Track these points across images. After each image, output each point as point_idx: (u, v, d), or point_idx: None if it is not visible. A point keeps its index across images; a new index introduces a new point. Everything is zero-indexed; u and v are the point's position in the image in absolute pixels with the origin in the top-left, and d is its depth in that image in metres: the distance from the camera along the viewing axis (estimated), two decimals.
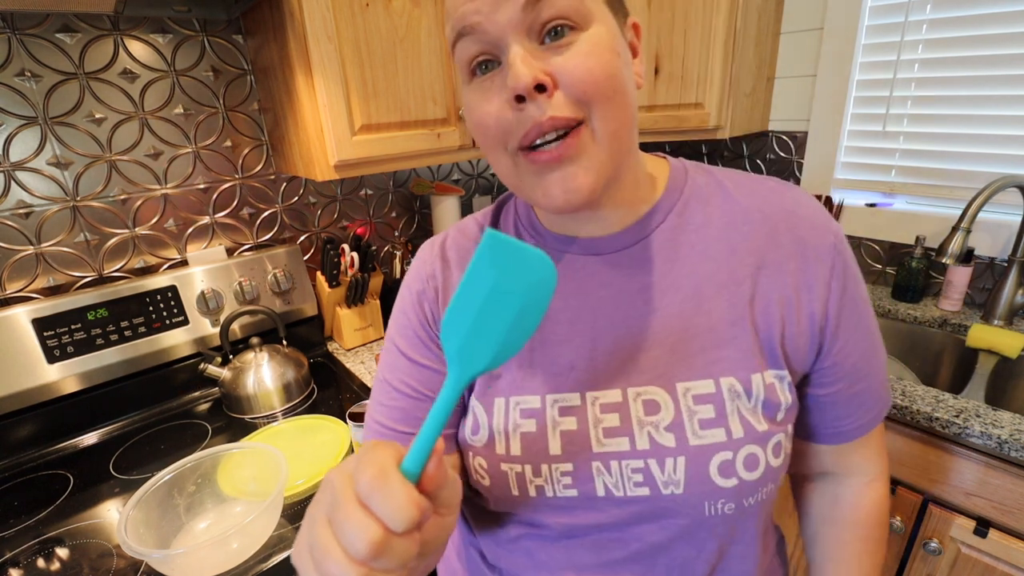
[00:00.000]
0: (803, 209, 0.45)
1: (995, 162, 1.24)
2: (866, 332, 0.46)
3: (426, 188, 1.46)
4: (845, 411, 0.48)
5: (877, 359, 0.48)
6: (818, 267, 0.43)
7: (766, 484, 0.42)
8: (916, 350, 1.33)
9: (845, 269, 0.44)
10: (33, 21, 0.92)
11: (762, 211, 0.45)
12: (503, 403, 0.45)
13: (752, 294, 0.43)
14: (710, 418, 0.41)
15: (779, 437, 0.43)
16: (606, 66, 0.37)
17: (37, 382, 0.96)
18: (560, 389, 0.44)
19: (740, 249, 0.44)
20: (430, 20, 1.04)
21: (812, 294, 0.43)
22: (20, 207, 0.97)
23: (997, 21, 1.17)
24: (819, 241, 0.44)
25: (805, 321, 0.43)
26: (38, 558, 0.75)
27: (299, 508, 0.81)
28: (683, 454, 0.41)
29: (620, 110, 0.38)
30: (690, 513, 0.42)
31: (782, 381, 0.43)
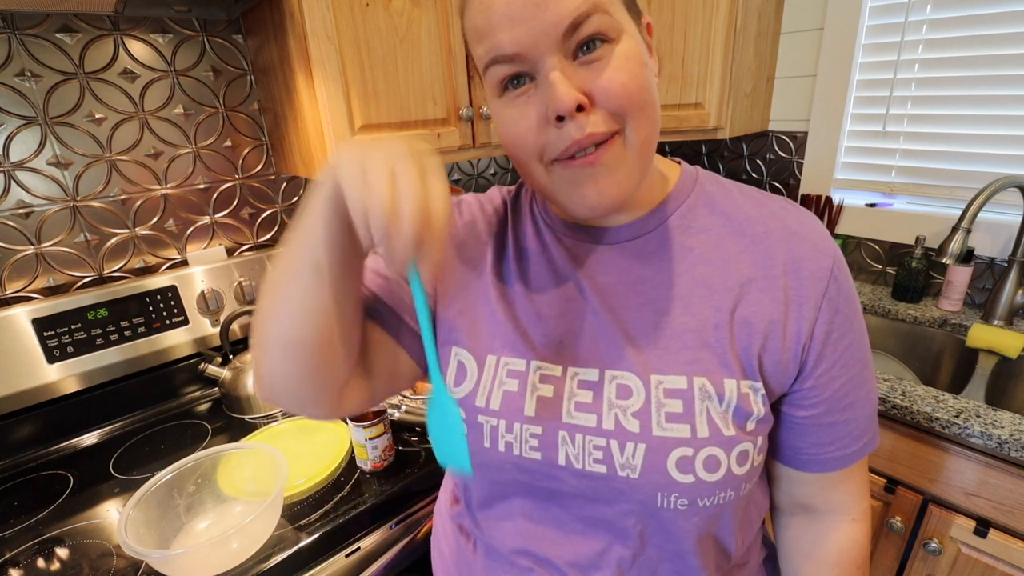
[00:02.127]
0: (805, 230, 0.45)
1: (995, 162, 1.24)
2: (854, 361, 0.45)
3: None
4: (827, 437, 0.47)
5: (864, 391, 0.47)
6: (811, 288, 0.44)
7: (725, 489, 0.43)
8: (916, 350, 1.33)
9: (839, 295, 0.44)
10: (33, 21, 0.92)
11: (765, 225, 0.46)
12: (495, 360, 0.48)
13: (736, 303, 0.44)
14: (677, 413, 0.43)
15: (746, 446, 0.43)
16: (638, 78, 0.39)
17: (37, 382, 0.96)
18: (545, 358, 0.47)
19: (735, 258, 0.45)
20: (430, 20, 1.04)
21: (800, 312, 0.43)
22: (20, 207, 0.97)
23: (997, 21, 1.17)
24: (815, 263, 0.44)
25: (791, 339, 0.44)
26: (38, 558, 0.75)
27: (299, 508, 0.81)
28: (644, 442, 0.43)
29: (650, 119, 0.41)
30: (642, 500, 0.44)
31: (756, 392, 0.43)
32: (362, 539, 0.82)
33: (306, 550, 0.76)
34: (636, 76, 0.39)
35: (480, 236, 0.52)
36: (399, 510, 0.87)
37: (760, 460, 0.45)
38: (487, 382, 0.48)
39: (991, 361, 1.16)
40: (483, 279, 0.50)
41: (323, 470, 0.87)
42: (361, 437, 0.85)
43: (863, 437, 0.48)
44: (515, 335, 0.48)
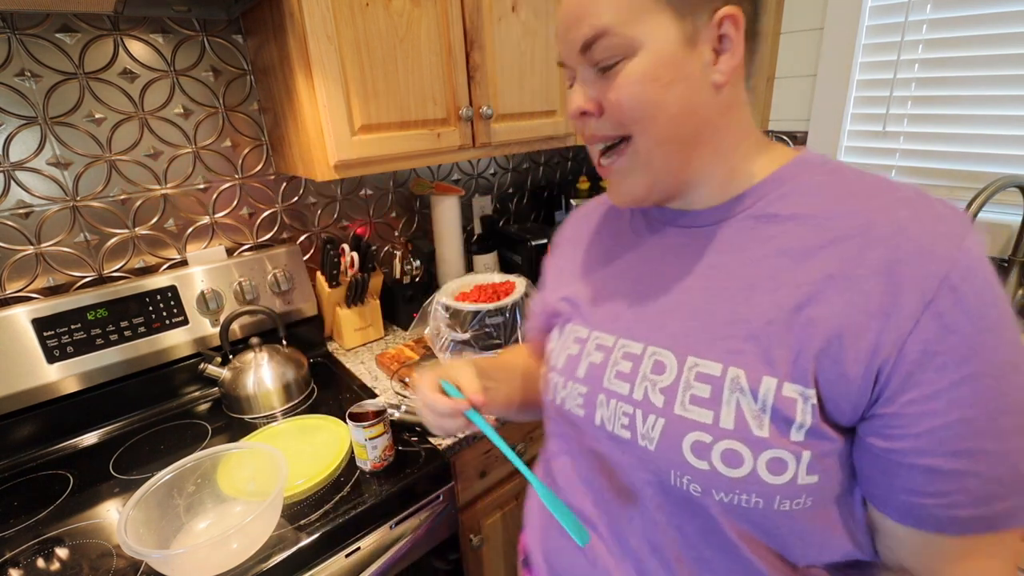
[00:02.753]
0: (918, 228, 0.38)
1: (995, 162, 1.24)
2: (979, 400, 0.36)
3: (426, 188, 1.46)
4: (927, 485, 0.38)
5: (996, 444, 0.36)
6: (908, 295, 0.37)
7: (748, 492, 0.40)
8: None
9: (957, 310, 0.36)
10: (33, 21, 0.92)
11: (867, 219, 0.40)
12: (571, 329, 0.56)
13: (804, 301, 0.40)
14: (703, 397, 0.42)
15: (782, 454, 0.39)
16: (635, 97, 0.42)
17: (37, 382, 0.96)
18: (602, 329, 0.52)
19: (818, 252, 0.41)
20: (430, 20, 1.04)
21: (887, 323, 0.37)
22: (20, 207, 0.97)
23: (997, 21, 1.17)
24: (921, 267, 0.37)
25: (865, 350, 0.37)
26: (38, 558, 0.75)
27: (299, 508, 0.81)
28: (664, 417, 0.44)
29: (658, 128, 0.43)
30: (657, 473, 0.45)
31: (804, 399, 0.39)
32: (362, 539, 0.82)
33: (306, 550, 0.76)
34: (634, 95, 0.42)
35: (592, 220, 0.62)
36: (399, 510, 0.87)
37: (813, 481, 0.40)
38: (562, 346, 0.56)
39: None
40: (581, 255, 0.60)
41: (323, 470, 0.87)
42: (361, 437, 0.85)
43: (993, 504, 0.37)
44: (587, 307, 0.55)
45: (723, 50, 0.42)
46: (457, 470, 0.99)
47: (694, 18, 0.41)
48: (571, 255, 0.61)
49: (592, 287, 0.56)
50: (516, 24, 1.19)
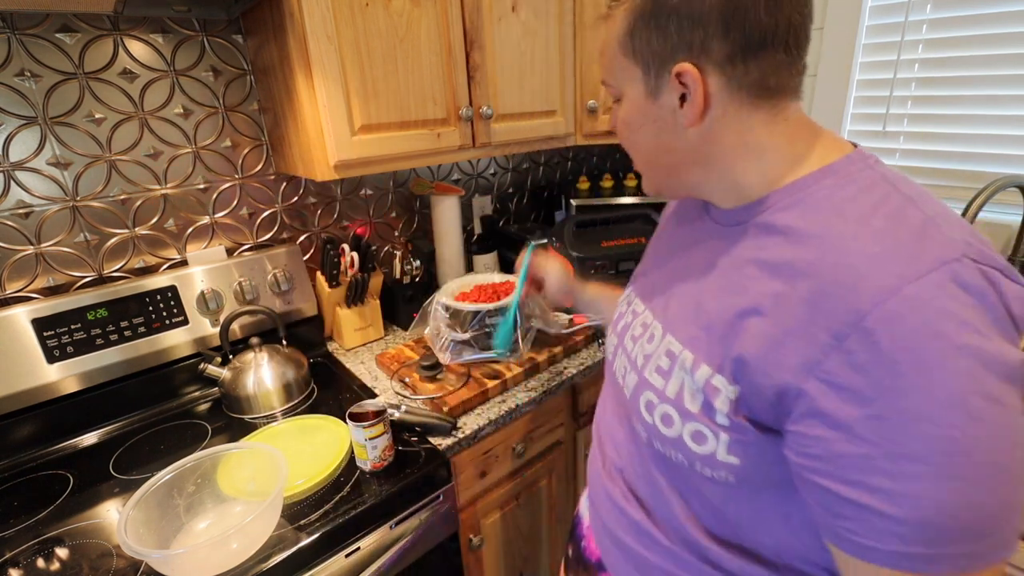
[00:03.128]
0: (863, 262, 0.38)
1: (995, 162, 1.24)
2: (879, 441, 0.36)
3: (426, 188, 1.46)
4: (829, 505, 0.40)
5: (900, 486, 0.36)
6: (816, 326, 0.38)
7: (676, 450, 0.50)
8: None
9: (866, 351, 0.36)
10: (33, 21, 0.92)
11: (834, 244, 0.40)
12: (628, 291, 0.68)
13: (749, 310, 0.44)
14: (663, 368, 0.51)
15: (702, 429, 0.47)
16: (620, 133, 0.55)
17: (37, 382, 0.96)
18: (639, 296, 0.63)
19: (782, 268, 0.43)
20: (430, 20, 1.04)
21: (800, 349, 0.39)
22: (20, 207, 0.97)
23: (997, 21, 1.17)
24: (840, 303, 0.37)
25: (776, 367, 0.40)
26: (38, 558, 0.75)
27: (299, 508, 0.81)
28: (637, 376, 0.55)
29: (638, 156, 0.55)
30: (628, 414, 0.59)
31: (725, 391, 0.45)
32: (362, 539, 0.82)
33: (306, 550, 0.76)
34: (619, 132, 0.55)
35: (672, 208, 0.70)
36: (399, 510, 0.87)
37: (734, 462, 0.45)
38: (620, 302, 0.68)
39: None
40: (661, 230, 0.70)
41: (323, 470, 0.87)
42: (361, 437, 0.85)
43: (907, 545, 0.36)
44: (641, 275, 0.66)
45: (686, 98, 0.46)
46: (457, 470, 0.99)
47: (656, 74, 0.47)
48: (660, 229, 0.71)
49: (649, 259, 0.67)
50: (516, 24, 1.19)
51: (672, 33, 0.45)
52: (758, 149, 0.47)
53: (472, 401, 1.04)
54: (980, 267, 0.37)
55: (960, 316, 0.35)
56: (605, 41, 0.52)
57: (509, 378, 1.09)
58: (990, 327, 0.35)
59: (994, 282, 0.36)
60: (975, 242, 0.38)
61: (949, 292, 0.35)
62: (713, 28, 0.43)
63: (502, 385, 1.08)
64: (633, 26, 0.47)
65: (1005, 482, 0.36)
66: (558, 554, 1.37)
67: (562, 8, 1.27)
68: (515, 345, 1.12)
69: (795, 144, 0.47)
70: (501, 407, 1.04)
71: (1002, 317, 0.36)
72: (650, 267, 0.65)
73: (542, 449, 1.20)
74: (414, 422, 0.96)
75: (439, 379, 1.09)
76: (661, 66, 0.46)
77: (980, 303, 0.36)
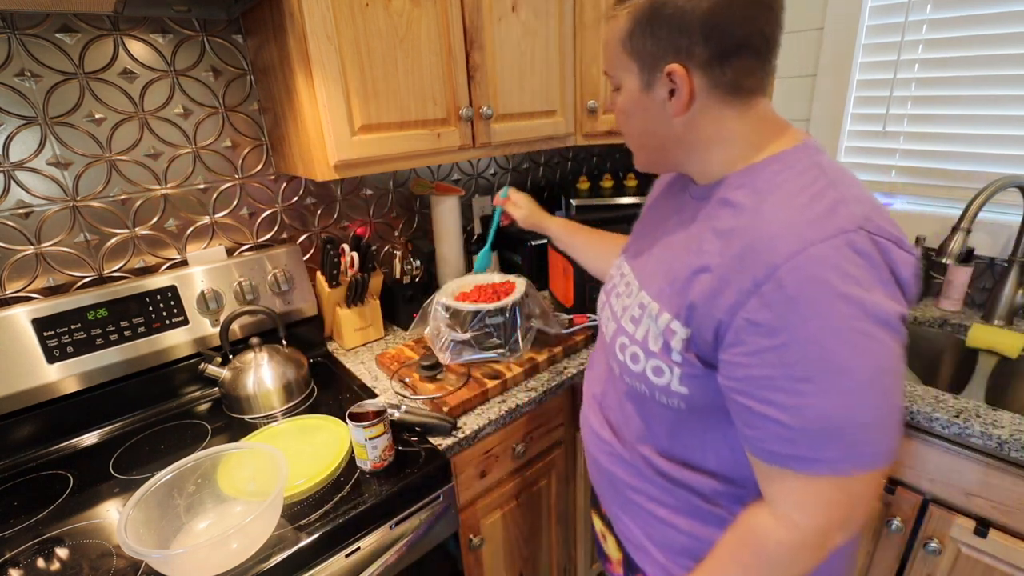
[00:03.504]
0: (783, 229, 0.48)
1: (995, 162, 1.24)
2: (783, 364, 0.47)
3: (426, 188, 1.46)
4: (748, 419, 0.52)
5: (799, 403, 0.47)
6: (743, 276, 0.49)
7: (640, 382, 0.62)
8: (916, 350, 1.33)
9: (779, 297, 0.46)
10: (33, 21, 0.92)
11: (768, 215, 0.50)
12: (621, 257, 0.76)
13: (701, 267, 0.54)
14: (635, 317, 0.63)
15: (661, 364, 0.58)
16: (617, 119, 0.64)
17: (37, 382, 0.96)
18: (627, 259, 0.72)
19: (729, 234, 0.53)
20: (430, 20, 1.04)
21: (727, 294, 0.50)
22: (20, 207, 0.97)
23: (997, 21, 1.17)
24: (762, 257, 0.48)
25: (714, 310, 0.51)
26: (38, 558, 0.75)
27: (299, 508, 0.81)
28: (616, 324, 0.67)
29: (631, 140, 0.64)
30: (608, 355, 0.70)
31: (679, 332, 0.56)
32: (362, 539, 0.82)
33: (306, 550, 0.76)
34: (617, 118, 0.64)
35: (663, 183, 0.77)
36: (399, 510, 0.87)
37: (684, 391, 0.57)
38: (613, 264, 0.78)
39: (991, 361, 1.16)
40: (649, 203, 0.78)
41: (323, 470, 0.87)
42: (361, 437, 0.85)
43: (796, 448, 0.48)
44: (631, 242, 0.76)
45: (674, 93, 0.54)
46: (457, 470, 0.99)
47: (650, 71, 0.55)
48: (650, 198, 0.80)
49: (638, 228, 0.77)
50: (516, 24, 1.19)
51: (664, 38, 0.52)
52: (729, 138, 0.56)
53: (472, 401, 1.04)
54: (873, 237, 0.46)
55: (847, 271, 0.45)
56: (608, 37, 0.58)
57: (509, 378, 1.09)
58: (873, 283, 0.46)
59: (883, 249, 0.47)
60: (875, 218, 0.48)
61: (842, 253, 0.45)
62: (696, 36, 0.51)
63: (502, 385, 1.08)
64: (633, 29, 0.54)
65: (876, 401, 0.47)
66: (558, 554, 1.37)
67: (562, 8, 1.27)
68: (515, 344, 1.12)
69: (758, 135, 0.56)
70: (501, 407, 1.04)
71: (887, 277, 0.47)
72: (639, 234, 0.75)
73: (542, 449, 1.20)
74: (414, 422, 0.96)
75: (439, 379, 1.10)
76: (654, 65, 0.54)
77: (867, 263, 0.46)
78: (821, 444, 0.48)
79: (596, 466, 0.77)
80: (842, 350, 0.45)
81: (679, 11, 0.50)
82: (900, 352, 0.48)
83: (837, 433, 0.47)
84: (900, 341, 0.47)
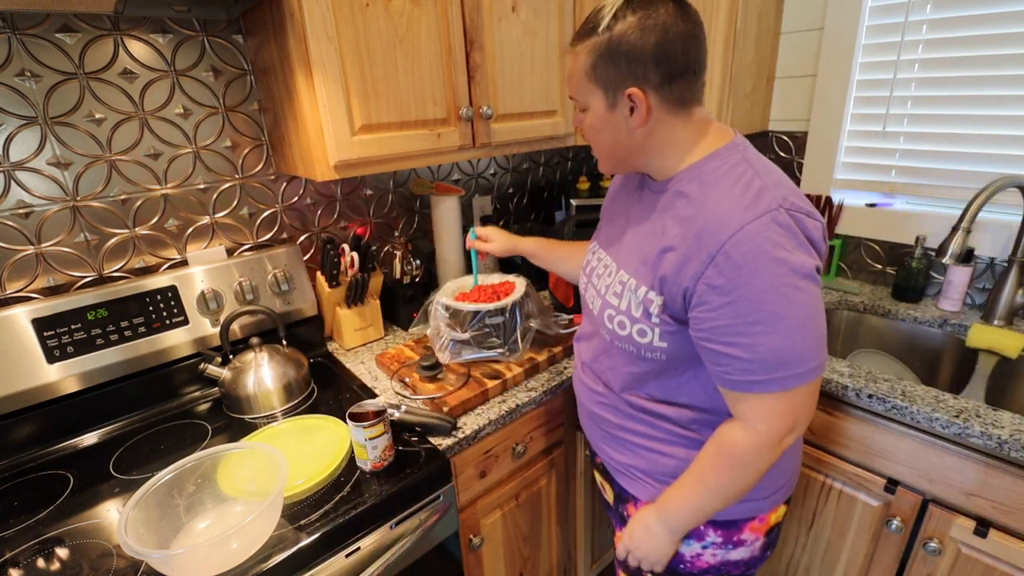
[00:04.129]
0: (727, 213, 0.63)
1: (995, 162, 1.24)
2: (738, 315, 0.62)
3: (426, 188, 1.46)
4: (718, 360, 0.67)
5: (752, 341, 0.63)
6: (701, 252, 0.63)
7: (627, 344, 0.76)
8: (916, 350, 1.33)
9: (727, 266, 0.61)
10: (33, 21, 0.92)
11: (713, 204, 0.65)
12: (593, 244, 0.90)
13: (668, 247, 0.68)
14: (617, 292, 0.77)
15: (644, 327, 0.73)
16: (587, 135, 0.76)
17: (37, 382, 0.96)
18: (600, 245, 0.86)
19: (687, 220, 0.67)
20: (430, 20, 1.04)
21: (689, 266, 0.65)
22: (20, 207, 0.97)
23: (997, 21, 1.17)
24: (713, 236, 0.62)
25: (681, 280, 0.66)
26: (38, 558, 0.75)
27: (299, 508, 0.81)
28: (601, 299, 0.81)
29: (599, 151, 0.77)
30: (596, 325, 0.84)
31: (656, 300, 0.70)
32: (362, 539, 0.82)
33: (306, 550, 0.76)
34: (586, 134, 0.76)
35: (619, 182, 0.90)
36: (399, 510, 0.87)
37: (663, 347, 0.72)
38: (587, 252, 0.91)
39: (991, 361, 1.16)
40: (611, 197, 0.91)
41: (323, 470, 0.87)
42: (361, 437, 0.85)
43: (754, 375, 0.64)
44: (601, 231, 0.89)
45: (634, 110, 0.68)
46: (457, 470, 1.00)
47: (614, 94, 0.68)
48: (609, 196, 0.92)
49: (605, 218, 0.90)
50: (516, 24, 1.19)
51: (623, 68, 0.65)
52: (677, 141, 0.70)
53: (472, 401, 1.04)
54: (790, 212, 0.62)
55: (775, 240, 0.61)
56: (572, 69, 0.71)
57: (509, 378, 1.09)
58: (795, 247, 0.61)
59: (798, 220, 0.62)
60: (790, 197, 0.64)
61: (769, 228, 0.61)
62: (650, 64, 0.64)
63: (502, 385, 1.08)
64: (595, 62, 0.67)
65: (809, 334, 0.63)
66: (558, 554, 1.37)
67: (562, 8, 1.27)
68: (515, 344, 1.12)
69: (699, 135, 0.71)
70: (501, 407, 1.04)
71: (803, 242, 0.62)
72: (605, 224, 0.88)
73: (542, 449, 1.20)
74: (414, 422, 0.96)
75: (439, 379, 1.10)
76: (616, 89, 0.67)
77: (788, 232, 0.61)
78: (771, 369, 0.63)
79: (590, 416, 0.92)
80: (779, 299, 0.61)
81: (633, 47, 0.64)
82: (819, 294, 0.64)
83: (782, 360, 0.63)
84: (819, 286, 0.64)
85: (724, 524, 0.80)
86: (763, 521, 0.81)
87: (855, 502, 1.09)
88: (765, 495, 0.79)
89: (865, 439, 1.04)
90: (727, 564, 0.84)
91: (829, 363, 1.10)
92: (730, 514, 0.79)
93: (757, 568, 0.87)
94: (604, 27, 0.65)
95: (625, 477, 0.88)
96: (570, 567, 1.45)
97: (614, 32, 0.64)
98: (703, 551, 0.83)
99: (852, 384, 1.02)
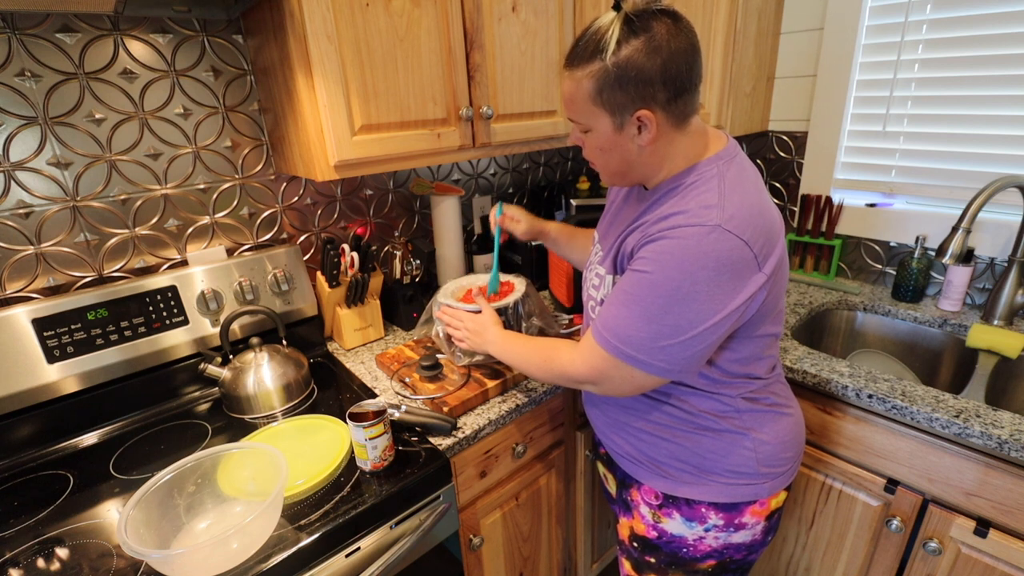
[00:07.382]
0: (674, 215, 0.70)
1: (995, 162, 1.24)
2: (629, 284, 0.72)
3: (426, 188, 1.46)
4: None
5: (618, 300, 0.73)
6: (652, 231, 0.71)
7: None
8: (916, 350, 1.33)
9: (656, 248, 0.69)
10: (33, 21, 0.92)
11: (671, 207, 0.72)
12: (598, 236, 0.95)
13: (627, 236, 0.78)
14: (595, 284, 0.86)
15: None
16: (590, 156, 0.79)
17: (37, 382, 0.96)
18: (600, 239, 0.91)
19: (654, 224, 0.72)
20: (430, 20, 1.04)
21: (641, 238, 0.73)
22: (20, 207, 0.97)
23: (997, 21, 1.17)
24: (664, 224, 0.70)
25: (634, 250, 0.74)
26: (38, 558, 0.75)
27: (299, 508, 0.81)
28: (586, 294, 0.89)
29: (605, 167, 0.79)
30: (587, 319, 0.91)
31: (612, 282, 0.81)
32: (362, 539, 0.82)
33: (306, 550, 0.76)
34: (589, 154, 0.79)
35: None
36: (399, 510, 0.87)
37: None
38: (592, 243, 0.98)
39: (991, 361, 1.16)
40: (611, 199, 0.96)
41: (323, 470, 0.87)
42: (361, 437, 0.85)
43: (602, 327, 0.75)
44: (602, 225, 0.93)
45: (643, 129, 0.71)
46: (457, 470, 0.99)
47: (621, 116, 0.70)
48: (610, 198, 0.96)
49: (606, 214, 0.95)
50: (516, 24, 1.19)
51: (632, 91, 0.67)
52: (676, 153, 0.74)
53: (472, 401, 1.04)
54: (723, 230, 0.66)
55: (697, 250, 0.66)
56: (572, 94, 0.72)
57: (509, 378, 1.09)
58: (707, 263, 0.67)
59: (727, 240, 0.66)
60: (736, 219, 0.67)
61: (698, 238, 0.67)
62: (658, 85, 0.67)
63: (502, 385, 1.08)
64: (601, 87, 0.68)
65: (649, 327, 0.71)
66: (558, 554, 1.37)
67: (562, 8, 1.27)
68: None
69: (694, 146, 0.75)
70: (501, 407, 1.04)
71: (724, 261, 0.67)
72: (606, 218, 0.94)
73: (542, 449, 1.20)
74: (414, 422, 0.96)
75: (439, 379, 1.09)
76: (624, 111, 0.69)
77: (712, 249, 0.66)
78: (610, 332, 0.74)
79: (594, 404, 0.97)
80: (661, 294, 0.69)
81: (642, 71, 0.66)
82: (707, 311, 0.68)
83: (619, 332, 0.73)
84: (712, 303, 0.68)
85: (725, 507, 0.84)
86: (764, 505, 0.84)
87: (855, 502, 1.09)
88: (762, 479, 0.83)
89: (865, 439, 1.04)
90: (729, 547, 0.86)
91: (829, 363, 1.10)
92: (731, 496, 0.83)
93: (759, 553, 0.90)
94: (611, 53, 0.66)
95: (628, 463, 0.91)
96: (570, 567, 1.45)
97: (620, 58, 0.65)
98: (705, 534, 0.85)
99: (852, 384, 1.02)
